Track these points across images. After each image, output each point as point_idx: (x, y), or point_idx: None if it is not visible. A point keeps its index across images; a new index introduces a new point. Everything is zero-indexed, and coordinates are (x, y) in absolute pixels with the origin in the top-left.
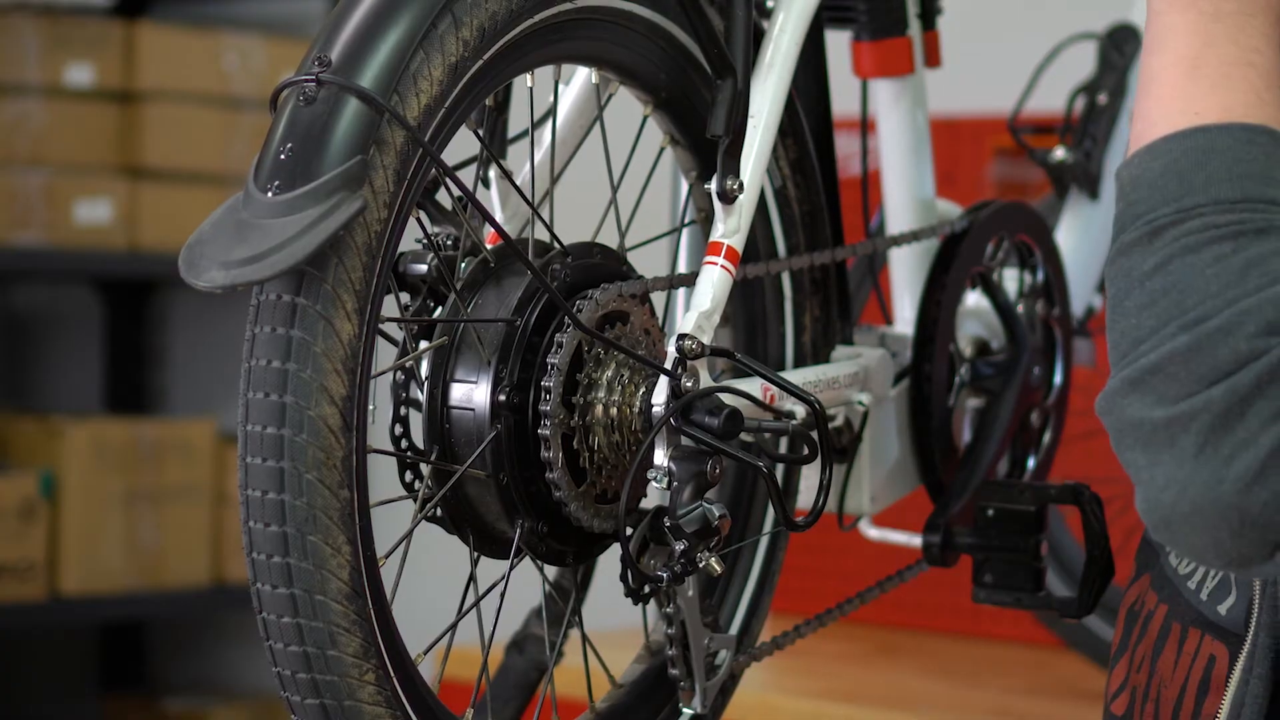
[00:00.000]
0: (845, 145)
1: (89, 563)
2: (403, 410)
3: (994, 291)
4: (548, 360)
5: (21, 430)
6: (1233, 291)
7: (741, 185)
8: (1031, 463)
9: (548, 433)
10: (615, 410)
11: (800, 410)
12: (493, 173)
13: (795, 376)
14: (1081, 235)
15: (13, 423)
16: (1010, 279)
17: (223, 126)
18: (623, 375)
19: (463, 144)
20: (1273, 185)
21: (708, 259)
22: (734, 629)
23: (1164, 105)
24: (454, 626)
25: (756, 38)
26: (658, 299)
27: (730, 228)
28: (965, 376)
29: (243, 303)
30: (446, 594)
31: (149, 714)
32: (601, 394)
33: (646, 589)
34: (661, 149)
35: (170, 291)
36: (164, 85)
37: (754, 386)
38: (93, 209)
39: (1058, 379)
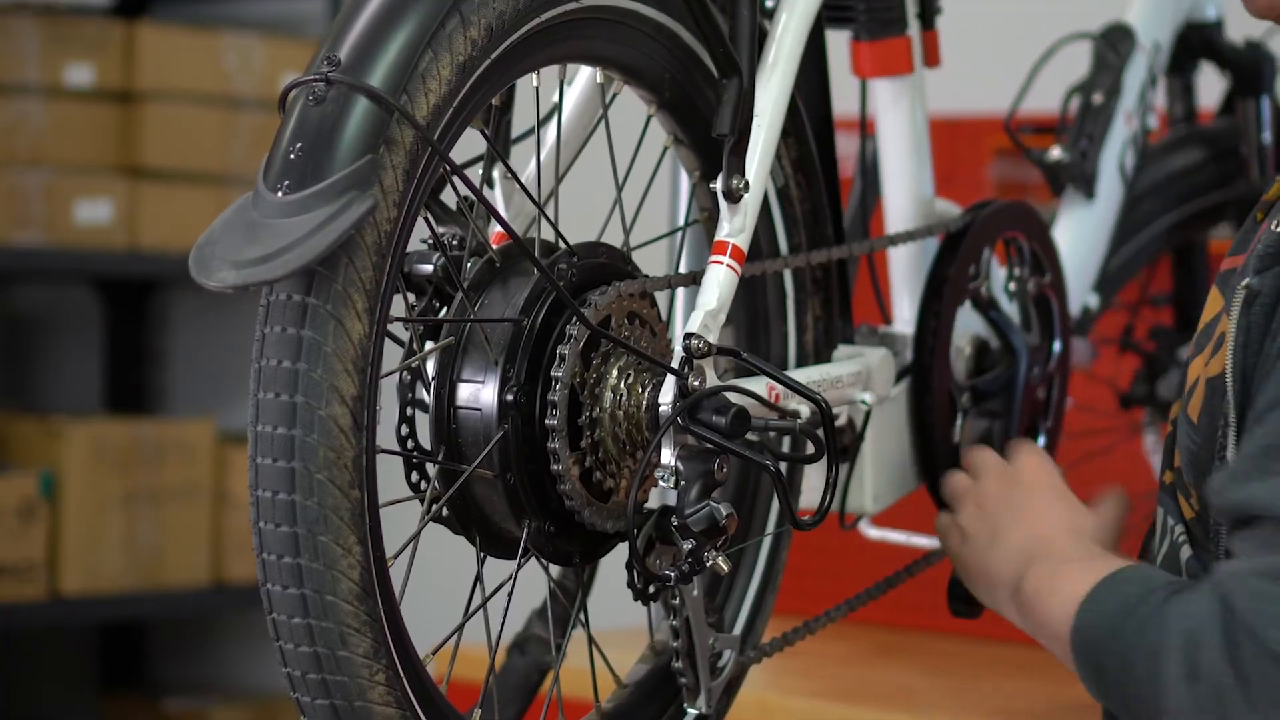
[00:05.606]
0: (845, 145)
1: (89, 563)
2: (409, 411)
3: (985, 309)
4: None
5: (21, 430)
6: None
7: (747, 184)
8: None
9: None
10: (622, 409)
11: (804, 409)
12: (497, 172)
13: (798, 375)
14: (1078, 234)
15: (13, 423)
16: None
17: (223, 126)
18: (629, 374)
19: (465, 144)
20: None
21: (713, 258)
22: (738, 629)
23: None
24: (460, 628)
25: (760, 38)
26: (660, 298)
27: (735, 227)
28: (966, 404)
29: (242, 303)
30: (452, 595)
31: (149, 714)
32: (608, 393)
33: (653, 588)
34: (665, 148)
35: (170, 292)
36: (164, 85)
37: (759, 386)
38: (93, 209)
39: (1056, 389)
